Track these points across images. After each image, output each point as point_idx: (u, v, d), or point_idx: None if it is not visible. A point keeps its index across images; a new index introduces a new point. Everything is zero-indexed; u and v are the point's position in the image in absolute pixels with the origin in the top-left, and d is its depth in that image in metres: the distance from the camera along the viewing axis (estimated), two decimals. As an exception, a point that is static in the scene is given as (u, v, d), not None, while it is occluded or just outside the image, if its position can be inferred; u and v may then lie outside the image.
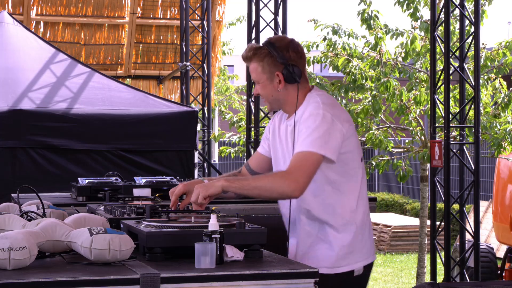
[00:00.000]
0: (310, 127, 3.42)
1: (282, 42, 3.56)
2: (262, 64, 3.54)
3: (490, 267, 9.35)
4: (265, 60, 3.53)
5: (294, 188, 3.34)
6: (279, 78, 3.53)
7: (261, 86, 3.58)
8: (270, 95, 3.57)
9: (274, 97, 3.58)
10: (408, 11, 9.65)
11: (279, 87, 3.54)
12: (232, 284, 2.80)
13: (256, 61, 3.55)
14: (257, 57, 3.54)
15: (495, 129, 9.13)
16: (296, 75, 3.52)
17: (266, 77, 3.54)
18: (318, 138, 3.39)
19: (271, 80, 3.54)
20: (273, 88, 3.55)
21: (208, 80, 11.56)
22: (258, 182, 3.40)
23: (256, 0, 9.05)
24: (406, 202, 17.55)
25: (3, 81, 7.51)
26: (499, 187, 9.60)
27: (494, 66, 9.60)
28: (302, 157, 3.39)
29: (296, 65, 3.53)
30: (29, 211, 3.40)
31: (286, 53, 3.53)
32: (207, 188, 3.34)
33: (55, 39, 11.75)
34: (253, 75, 3.59)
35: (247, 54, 3.58)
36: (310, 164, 3.37)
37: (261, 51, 3.54)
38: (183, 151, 7.55)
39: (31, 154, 7.08)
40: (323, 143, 3.39)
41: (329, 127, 3.42)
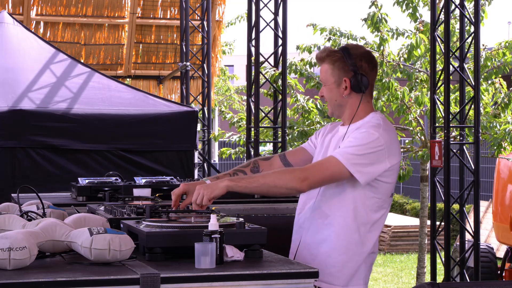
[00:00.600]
0: (357, 141, 3.39)
1: (358, 50, 3.56)
2: (333, 67, 3.54)
3: (490, 267, 9.35)
4: (336, 64, 3.53)
5: (301, 182, 3.33)
6: (346, 84, 3.52)
7: (327, 89, 3.57)
8: (334, 99, 3.56)
9: (338, 102, 3.56)
10: (407, 11, 9.66)
11: (345, 93, 3.53)
12: (232, 284, 2.80)
13: (328, 63, 3.55)
14: (330, 59, 3.55)
15: (495, 129, 9.13)
16: (363, 85, 3.51)
17: (333, 80, 3.54)
18: (358, 156, 3.37)
19: (338, 85, 3.54)
20: (339, 93, 3.54)
21: (208, 80, 11.56)
22: (266, 178, 3.36)
23: (256, 0, 9.05)
24: (406, 202, 17.55)
25: (3, 81, 7.51)
26: (499, 187, 9.60)
27: (494, 66, 9.60)
28: (327, 161, 3.38)
29: (366, 76, 3.53)
30: (29, 211, 3.40)
31: (359, 61, 3.52)
32: (212, 190, 3.30)
33: (55, 39, 11.75)
34: (322, 76, 3.59)
35: (321, 55, 3.59)
36: (330, 171, 3.36)
37: (334, 54, 3.55)
38: (183, 151, 7.55)
39: (31, 154, 7.08)
40: (359, 163, 3.36)
41: (376, 152, 3.39)
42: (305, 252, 3.52)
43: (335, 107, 3.58)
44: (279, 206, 5.03)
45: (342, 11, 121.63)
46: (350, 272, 3.48)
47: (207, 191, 3.30)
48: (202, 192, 3.30)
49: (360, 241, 3.48)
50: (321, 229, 3.48)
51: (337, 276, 3.46)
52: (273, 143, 9.60)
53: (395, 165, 3.46)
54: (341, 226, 3.45)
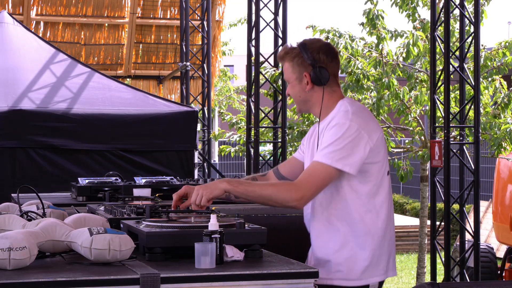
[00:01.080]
0: (333, 137, 3.39)
1: (315, 44, 3.56)
2: (292, 64, 3.54)
3: (490, 267, 9.35)
4: (295, 60, 3.54)
5: (298, 201, 3.33)
6: (306, 79, 3.53)
7: (290, 86, 3.58)
8: (298, 95, 3.57)
9: (302, 98, 3.57)
10: (405, 12, 9.66)
11: (307, 88, 3.53)
12: (232, 284, 2.80)
13: (288, 61, 3.56)
14: (289, 57, 3.55)
15: (495, 129, 9.13)
16: (323, 77, 3.50)
17: (295, 77, 3.55)
18: (338, 150, 3.35)
19: (299, 81, 3.54)
20: (301, 88, 3.55)
21: (208, 80, 11.56)
22: (263, 190, 3.37)
23: (256, 0, 9.05)
24: (406, 202, 17.55)
25: (3, 81, 7.51)
26: (499, 187, 9.60)
27: (494, 66, 9.60)
28: (314, 168, 3.37)
29: (325, 68, 3.52)
30: (29, 211, 3.40)
31: (316, 55, 3.51)
32: (211, 190, 3.31)
33: (55, 39, 11.75)
34: (284, 74, 3.61)
35: (280, 54, 3.60)
36: (320, 178, 3.35)
37: (292, 51, 3.55)
38: (183, 151, 7.55)
39: (31, 154, 7.08)
40: (342, 156, 3.35)
41: (353, 139, 3.37)
42: (316, 255, 3.51)
43: (301, 103, 3.60)
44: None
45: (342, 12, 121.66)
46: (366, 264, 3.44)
47: (206, 191, 3.31)
48: (201, 192, 3.31)
49: (368, 230, 3.44)
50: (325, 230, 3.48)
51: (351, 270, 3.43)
52: (273, 143, 9.60)
53: (378, 142, 3.44)
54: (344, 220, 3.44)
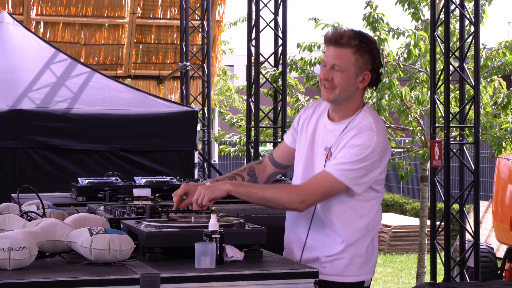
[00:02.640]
0: (353, 156, 3.32)
1: (377, 46, 3.47)
2: (358, 57, 3.38)
3: (490, 267, 9.35)
4: (363, 55, 3.39)
5: (298, 204, 3.33)
6: (364, 78, 3.41)
7: (344, 77, 3.38)
8: (347, 89, 3.40)
9: (349, 93, 3.42)
10: (409, 10, 9.66)
11: (360, 86, 3.42)
12: (232, 284, 2.80)
13: (354, 52, 3.38)
14: (357, 48, 3.37)
15: (495, 129, 9.13)
16: (378, 82, 3.46)
17: (354, 70, 3.38)
18: (354, 170, 3.32)
19: (356, 76, 3.39)
20: (354, 84, 3.40)
21: (208, 80, 11.56)
22: (265, 192, 3.35)
23: (256, 0, 9.05)
24: (406, 202, 17.55)
25: (3, 81, 7.51)
26: (499, 187, 9.60)
27: (494, 66, 9.60)
28: (323, 179, 3.33)
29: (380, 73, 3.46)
30: (29, 211, 3.40)
31: (380, 58, 3.45)
32: (213, 190, 3.30)
33: (55, 39, 11.74)
34: (340, 61, 3.38)
35: (346, 40, 3.38)
36: (328, 189, 3.33)
37: (362, 43, 3.38)
38: (183, 151, 7.55)
39: (31, 154, 7.08)
40: (357, 176, 3.32)
41: (372, 163, 3.34)
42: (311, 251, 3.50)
43: (343, 96, 3.42)
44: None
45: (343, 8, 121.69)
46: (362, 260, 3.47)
47: (208, 191, 3.30)
48: (203, 192, 3.30)
49: (365, 230, 3.47)
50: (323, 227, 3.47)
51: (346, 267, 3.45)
52: (273, 143, 9.60)
53: (386, 161, 3.43)
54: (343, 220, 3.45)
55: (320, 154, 3.48)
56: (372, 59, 3.40)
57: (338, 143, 3.41)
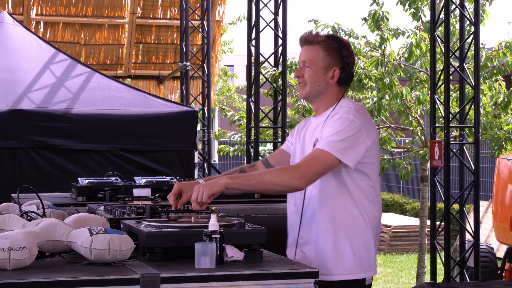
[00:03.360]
0: (336, 129, 3.43)
1: (349, 45, 3.61)
2: (326, 53, 3.54)
3: (490, 267, 9.35)
4: (331, 52, 3.54)
5: (299, 179, 3.34)
6: (334, 74, 3.55)
7: (312, 72, 3.55)
8: (317, 84, 3.56)
9: (320, 88, 3.56)
10: (409, 10, 9.65)
11: (330, 81, 3.55)
12: (232, 284, 2.80)
13: (322, 48, 3.54)
14: (325, 44, 3.55)
15: (495, 130, 9.13)
16: (349, 79, 3.58)
17: (323, 66, 3.54)
18: (340, 141, 3.39)
19: (325, 71, 3.54)
20: (324, 79, 3.55)
21: (208, 80, 11.56)
22: (263, 176, 3.37)
23: (256, 0, 9.05)
24: (406, 202, 17.55)
25: (3, 81, 7.51)
26: (499, 187, 9.60)
27: (494, 66, 9.60)
28: (316, 154, 3.40)
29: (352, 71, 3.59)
30: (29, 211, 3.40)
31: (350, 56, 3.58)
32: (211, 186, 3.30)
33: (55, 39, 11.74)
34: (308, 57, 3.56)
35: (314, 38, 3.56)
36: (322, 163, 3.38)
37: (330, 41, 3.55)
38: (183, 151, 7.55)
39: (31, 154, 7.08)
40: (343, 148, 3.39)
41: (354, 134, 3.42)
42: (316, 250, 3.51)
43: (313, 92, 3.57)
44: (279, 206, 5.03)
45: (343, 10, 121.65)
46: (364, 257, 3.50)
47: (206, 188, 3.30)
48: (202, 189, 3.30)
49: (367, 227, 3.50)
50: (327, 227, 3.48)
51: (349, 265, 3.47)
52: (273, 143, 9.60)
53: (374, 143, 3.50)
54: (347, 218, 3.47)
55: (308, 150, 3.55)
56: (340, 56, 3.54)
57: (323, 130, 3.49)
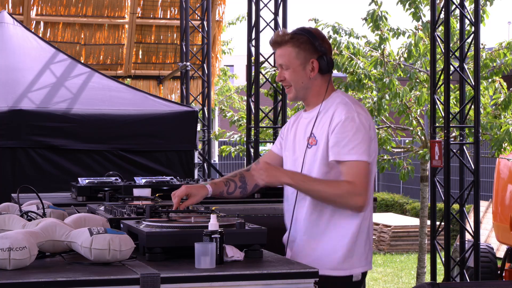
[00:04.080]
0: (349, 133, 3.40)
1: (319, 33, 3.55)
2: (298, 49, 3.48)
3: (490, 267, 9.34)
4: (302, 46, 3.48)
5: (362, 204, 3.39)
6: (313, 66, 3.50)
7: (291, 72, 3.50)
8: (300, 81, 3.51)
9: (304, 85, 3.52)
10: (410, 10, 9.65)
11: (311, 74, 3.50)
12: (232, 284, 2.80)
13: (292, 46, 3.48)
14: (294, 42, 3.48)
15: (495, 130, 9.13)
16: (330, 65, 3.50)
17: (299, 63, 3.48)
18: (360, 144, 3.39)
19: (304, 67, 3.49)
20: (305, 75, 3.50)
21: (208, 80, 11.56)
22: (325, 187, 3.38)
23: (256, 0, 9.05)
24: (406, 202, 17.54)
25: (3, 81, 7.51)
26: (499, 187, 9.60)
27: (495, 66, 9.60)
28: (358, 167, 3.38)
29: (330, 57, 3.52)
30: (29, 211, 3.40)
31: (322, 42, 3.50)
32: (271, 177, 3.40)
33: (55, 39, 11.74)
34: (283, 59, 3.51)
35: (282, 38, 3.50)
36: (368, 175, 3.40)
37: (299, 36, 3.49)
38: (183, 151, 7.55)
39: (31, 154, 7.08)
40: (365, 149, 3.40)
41: (364, 132, 3.42)
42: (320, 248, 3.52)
43: (300, 90, 3.53)
44: (279, 206, 5.02)
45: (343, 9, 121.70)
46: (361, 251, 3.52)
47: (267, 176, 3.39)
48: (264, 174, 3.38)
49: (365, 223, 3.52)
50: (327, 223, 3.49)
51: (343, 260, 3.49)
52: (273, 143, 9.60)
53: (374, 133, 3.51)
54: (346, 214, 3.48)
55: (302, 146, 3.54)
56: (313, 47, 3.48)
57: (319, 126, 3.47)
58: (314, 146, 3.49)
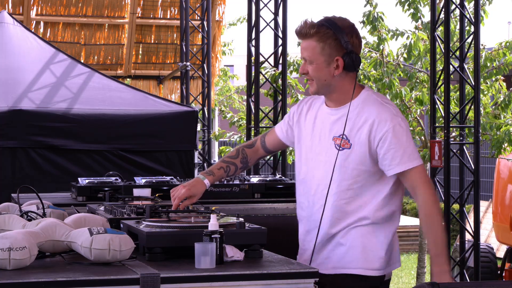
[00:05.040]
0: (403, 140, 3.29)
1: (346, 23, 3.30)
2: (323, 45, 3.26)
3: (490, 267, 9.34)
4: (328, 42, 3.26)
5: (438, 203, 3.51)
6: (337, 64, 3.28)
7: (314, 68, 3.30)
8: (323, 79, 3.30)
9: (327, 82, 3.31)
10: (409, 11, 9.66)
11: (336, 72, 3.29)
12: (232, 284, 2.80)
13: (317, 40, 3.27)
14: (319, 36, 3.26)
15: (495, 130, 9.14)
16: (357, 64, 3.28)
17: (323, 59, 3.28)
18: (414, 148, 3.34)
19: (328, 64, 3.28)
20: (329, 72, 3.29)
21: (208, 80, 11.56)
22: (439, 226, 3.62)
23: (256, 0, 9.05)
24: (406, 202, 17.55)
25: (3, 81, 7.51)
26: (499, 187, 9.59)
27: (494, 66, 9.60)
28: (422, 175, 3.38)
29: (357, 54, 3.29)
30: (29, 211, 3.40)
31: (351, 38, 3.28)
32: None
33: (55, 39, 11.75)
34: (307, 53, 3.30)
35: (306, 31, 3.27)
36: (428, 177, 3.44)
37: (325, 30, 3.26)
38: (183, 151, 7.55)
39: (31, 154, 7.08)
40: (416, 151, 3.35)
41: (410, 135, 3.36)
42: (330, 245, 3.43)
43: (322, 87, 3.34)
44: (279, 206, 5.03)
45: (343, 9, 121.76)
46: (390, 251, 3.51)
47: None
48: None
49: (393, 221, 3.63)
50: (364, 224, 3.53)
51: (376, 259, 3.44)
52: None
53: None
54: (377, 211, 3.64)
55: (328, 145, 3.37)
56: (339, 43, 3.27)
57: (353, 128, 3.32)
58: (347, 150, 3.31)
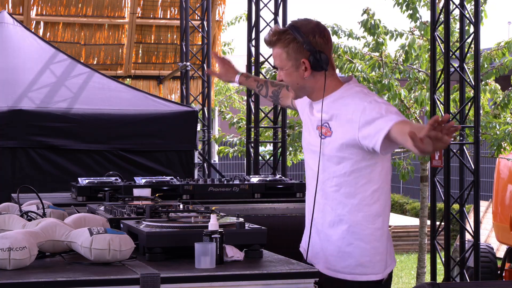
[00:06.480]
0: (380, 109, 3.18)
1: (308, 26, 3.29)
2: (287, 50, 3.28)
3: (490, 267, 9.34)
4: (290, 46, 3.28)
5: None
6: (305, 66, 3.28)
7: (285, 73, 3.33)
8: (295, 83, 3.33)
9: (300, 85, 3.33)
10: (407, 12, 9.68)
11: (305, 75, 3.30)
12: (232, 284, 2.80)
13: (280, 47, 3.30)
14: (282, 43, 3.29)
15: (495, 130, 9.14)
16: (323, 62, 3.27)
17: (291, 64, 3.30)
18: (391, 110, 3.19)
19: (296, 68, 3.30)
20: (299, 75, 3.31)
21: (208, 80, 11.56)
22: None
23: (256, 0, 9.05)
24: (406, 202, 17.55)
25: (3, 81, 7.51)
26: (499, 187, 9.60)
27: (493, 66, 9.60)
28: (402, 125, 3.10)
29: (323, 52, 3.27)
30: (29, 211, 3.40)
31: (313, 38, 3.26)
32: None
33: (55, 39, 11.74)
34: (276, 61, 3.34)
35: (270, 39, 3.32)
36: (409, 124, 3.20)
37: (285, 36, 3.28)
38: (183, 151, 7.55)
39: (31, 154, 7.08)
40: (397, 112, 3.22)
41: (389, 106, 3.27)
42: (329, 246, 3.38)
43: (299, 90, 3.37)
44: (279, 206, 5.03)
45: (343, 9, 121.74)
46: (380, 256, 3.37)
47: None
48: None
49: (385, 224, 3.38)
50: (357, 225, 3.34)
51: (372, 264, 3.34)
52: (273, 143, 9.60)
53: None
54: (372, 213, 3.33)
55: (314, 134, 3.38)
56: (300, 46, 3.27)
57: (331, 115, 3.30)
58: (328, 138, 3.30)
